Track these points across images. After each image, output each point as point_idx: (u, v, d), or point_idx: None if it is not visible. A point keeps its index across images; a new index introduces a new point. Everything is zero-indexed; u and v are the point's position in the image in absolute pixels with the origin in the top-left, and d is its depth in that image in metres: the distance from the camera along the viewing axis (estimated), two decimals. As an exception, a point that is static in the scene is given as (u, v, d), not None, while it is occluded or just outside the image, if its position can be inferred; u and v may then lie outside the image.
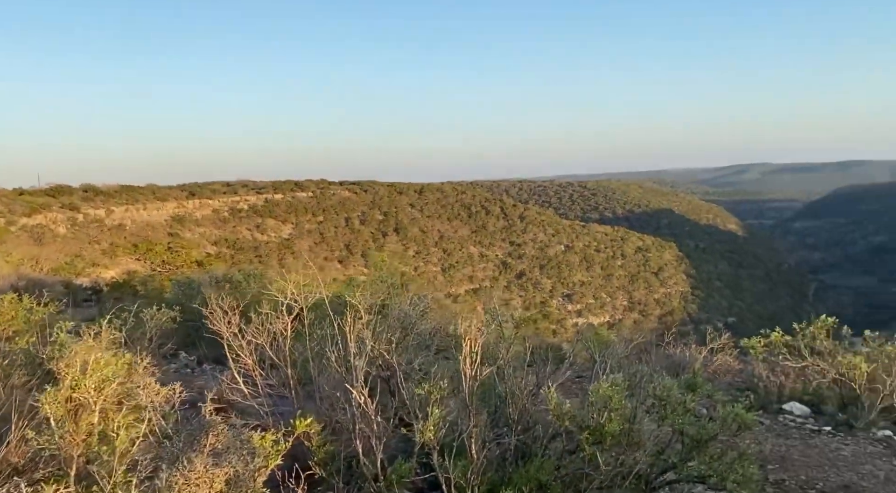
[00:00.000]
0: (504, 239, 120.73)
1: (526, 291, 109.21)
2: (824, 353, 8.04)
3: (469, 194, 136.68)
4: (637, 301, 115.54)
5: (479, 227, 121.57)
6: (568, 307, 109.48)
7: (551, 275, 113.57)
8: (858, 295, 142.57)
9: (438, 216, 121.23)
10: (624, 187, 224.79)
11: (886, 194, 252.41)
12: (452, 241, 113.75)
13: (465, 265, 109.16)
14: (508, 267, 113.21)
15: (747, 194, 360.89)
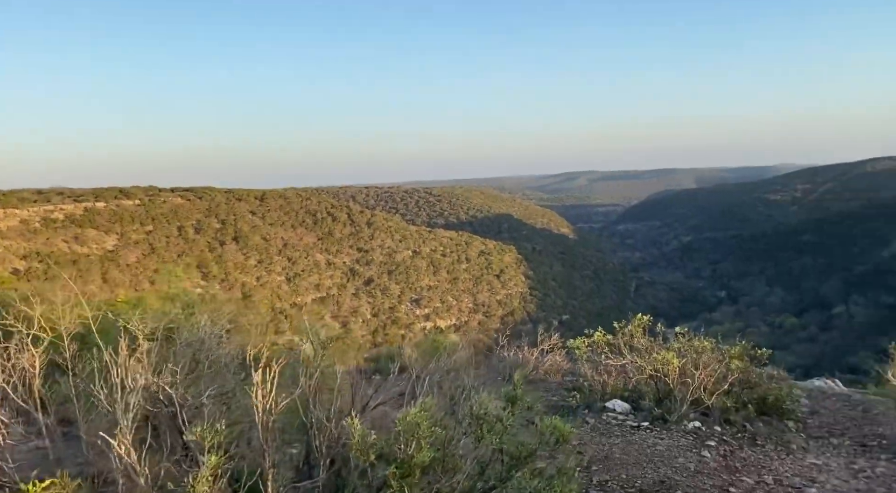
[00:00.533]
0: (351, 246, 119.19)
1: (374, 297, 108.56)
2: (642, 350, 8.42)
3: (314, 201, 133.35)
4: (481, 303, 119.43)
5: (325, 234, 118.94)
6: (416, 312, 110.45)
7: (399, 280, 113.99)
8: (672, 290, 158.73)
9: (282, 224, 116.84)
10: (467, 193, 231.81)
11: (691, 199, 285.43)
12: (297, 249, 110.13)
13: (311, 273, 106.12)
14: (356, 274, 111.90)
15: (577, 200, 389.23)
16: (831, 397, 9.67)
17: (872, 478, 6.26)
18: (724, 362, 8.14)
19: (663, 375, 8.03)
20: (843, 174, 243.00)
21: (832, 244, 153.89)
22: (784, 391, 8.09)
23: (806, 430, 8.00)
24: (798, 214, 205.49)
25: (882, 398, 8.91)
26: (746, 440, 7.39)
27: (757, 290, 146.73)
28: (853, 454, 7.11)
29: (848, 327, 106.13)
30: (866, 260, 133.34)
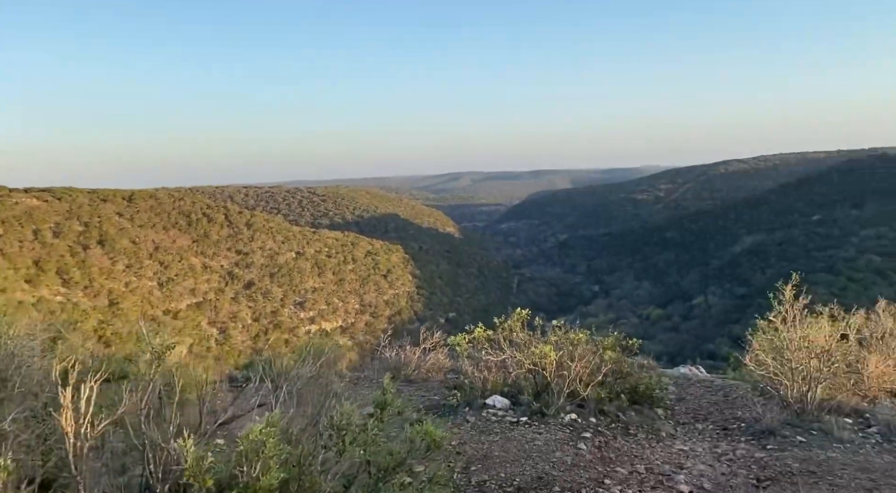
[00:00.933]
0: (230, 248, 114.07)
1: (256, 301, 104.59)
2: (521, 344, 8.41)
3: (188, 201, 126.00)
4: (368, 304, 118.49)
5: (200, 236, 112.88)
6: (301, 315, 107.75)
7: (282, 283, 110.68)
8: (551, 285, 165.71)
9: (153, 226, 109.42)
10: (353, 193, 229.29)
11: (567, 199, 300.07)
12: (170, 252, 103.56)
13: (185, 278, 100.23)
14: (236, 277, 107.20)
15: (462, 199, 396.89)
16: (696, 383, 10.23)
17: (734, 460, 6.57)
18: (598, 353, 8.31)
19: (541, 368, 8.05)
20: (701, 175, 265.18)
21: (692, 240, 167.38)
22: (653, 380, 8.38)
23: (674, 416, 8.34)
24: (662, 213, 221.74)
25: (740, 383, 9.52)
26: (620, 430, 7.55)
27: (626, 283, 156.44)
28: (716, 437, 7.47)
29: (706, 316, 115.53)
30: (721, 255, 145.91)
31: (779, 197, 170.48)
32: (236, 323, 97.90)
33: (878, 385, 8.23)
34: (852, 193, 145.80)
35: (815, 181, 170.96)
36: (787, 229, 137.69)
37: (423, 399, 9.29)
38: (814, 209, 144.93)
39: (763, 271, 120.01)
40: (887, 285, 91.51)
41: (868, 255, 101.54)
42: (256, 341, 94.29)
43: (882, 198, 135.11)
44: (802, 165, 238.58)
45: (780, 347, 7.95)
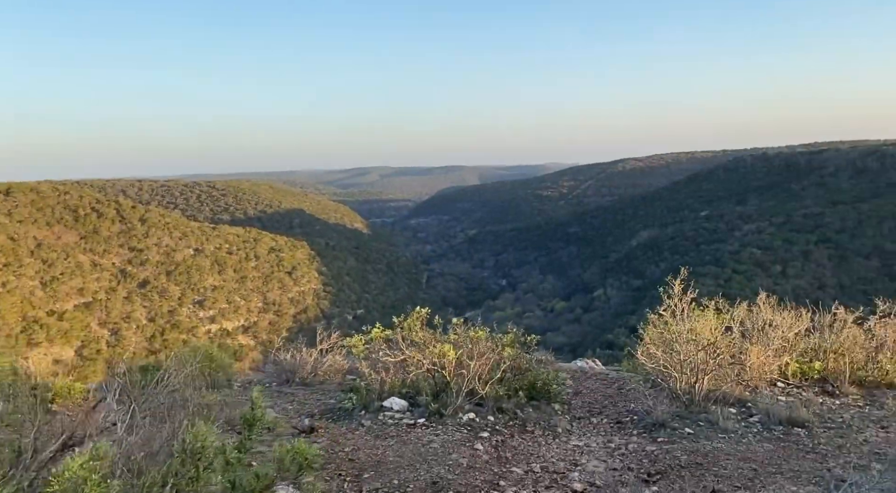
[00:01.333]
0: (122, 245, 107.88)
1: (151, 300, 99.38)
2: (420, 344, 8.17)
3: (75, 195, 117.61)
4: (272, 302, 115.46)
5: (89, 232, 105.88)
6: (200, 314, 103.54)
7: (180, 281, 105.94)
8: (460, 280, 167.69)
9: (34, 221, 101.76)
10: (255, 187, 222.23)
11: (476, 195, 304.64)
12: (55, 249, 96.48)
13: (72, 277, 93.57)
14: (129, 276, 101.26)
15: (370, 195, 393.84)
16: (592, 376, 10.40)
17: (626, 455, 6.64)
18: (497, 350, 8.22)
19: (440, 368, 7.86)
20: (601, 173, 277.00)
21: (593, 235, 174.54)
22: (551, 376, 8.39)
23: (571, 411, 8.37)
24: (565, 209, 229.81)
25: (633, 375, 9.74)
26: (517, 428, 7.48)
27: (532, 277, 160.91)
28: (610, 431, 7.55)
29: (606, 308, 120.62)
30: (619, 248, 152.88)
31: (671, 194, 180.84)
32: (130, 324, 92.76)
33: (759, 375, 8.63)
34: (736, 191, 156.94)
35: (703, 179, 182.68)
36: (679, 224, 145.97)
37: (319, 403, 8.89)
38: (702, 205, 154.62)
39: (657, 264, 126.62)
40: (766, 277, 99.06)
41: (750, 248, 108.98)
42: (153, 343, 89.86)
43: (762, 194, 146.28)
44: (692, 163, 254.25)
45: (669, 340, 8.18)
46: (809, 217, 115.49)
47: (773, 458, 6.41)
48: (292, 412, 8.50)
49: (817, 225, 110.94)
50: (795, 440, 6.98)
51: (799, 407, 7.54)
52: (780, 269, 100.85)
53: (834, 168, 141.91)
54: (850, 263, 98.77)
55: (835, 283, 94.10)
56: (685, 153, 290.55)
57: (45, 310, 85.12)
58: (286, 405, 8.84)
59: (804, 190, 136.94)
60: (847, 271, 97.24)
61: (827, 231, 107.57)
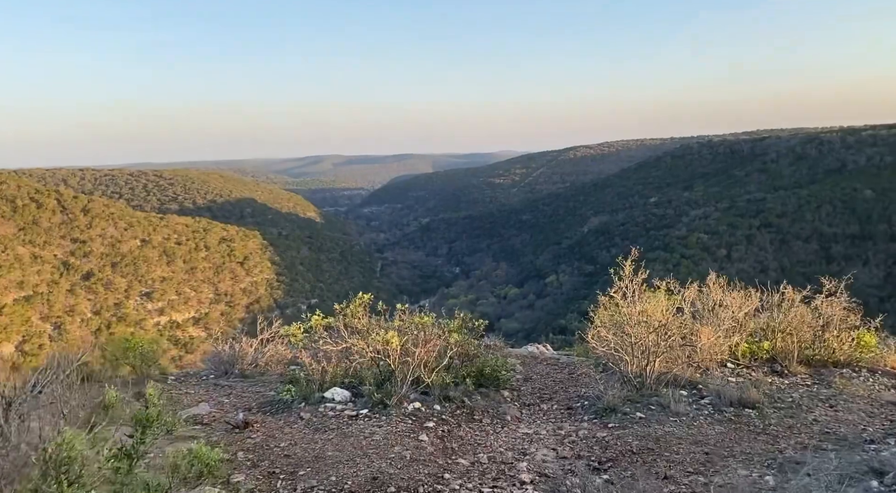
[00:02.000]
0: (64, 236, 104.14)
1: (96, 293, 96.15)
2: (364, 331, 7.76)
3: (13, 184, 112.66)
4: (224, 292, 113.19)
5: (28, 223, 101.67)
6: (148, 306, 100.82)
7: (126, 273, 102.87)
8: (414, 268, 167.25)
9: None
10: (204, 177, 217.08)
11: (429, 183, 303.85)
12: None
13: (11, 269, 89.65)
14: (72, 268, 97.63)
15: (323, 183, 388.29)
16: (542, 362, 10.16)
17: (577, 442, 6.39)
18: (444, 336, 7.86)
19: (384, 356, 7.46)
20: (552, 160, 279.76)
21: (545, 222, 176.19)
22: (499, 361, 8.10)
23: (520, 398, 8.09)
24: (517, 196, 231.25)
25: (584, 359, 9.56)
26: (465, 417, 7.16)
27: (485, 264, 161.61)
28: (561, 418, 7.30)
29: (558, 293, 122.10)
30: (571, 235, 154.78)
31: (621, 180, 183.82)
32: (74, 317, 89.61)
33: (709, 356, 8.53)
34: (683, 177, 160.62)
35: (652, 166, 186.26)
36: (629, 210, 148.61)
37: (258, 395, 8.39)
38: (651, 191, 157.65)
39: (608, 249, 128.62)
40: (713, 261, 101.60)
41: (697, 233, 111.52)
42: (99, 336, 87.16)
43: (707, 181, 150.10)
44: (641, 151, 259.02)
45: (620, 322, 7.98)
46: (752, 202, 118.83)
47: (725, 441, 6.27)
48: (228, 405, 7.99)
49: (759, 210, 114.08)
50: (746, 421, 6.87)
51: (749, 388, 7.44)
52: (726, 253, 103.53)
53: (775, 155, 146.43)
54: (791, 246, 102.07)
55: (776, 266, 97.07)
56: (635, 141, 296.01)
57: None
58: (222, 399, 8.31)
59: (747, 176, 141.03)
60: (788, 254, 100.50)
61: (769, 216, 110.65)
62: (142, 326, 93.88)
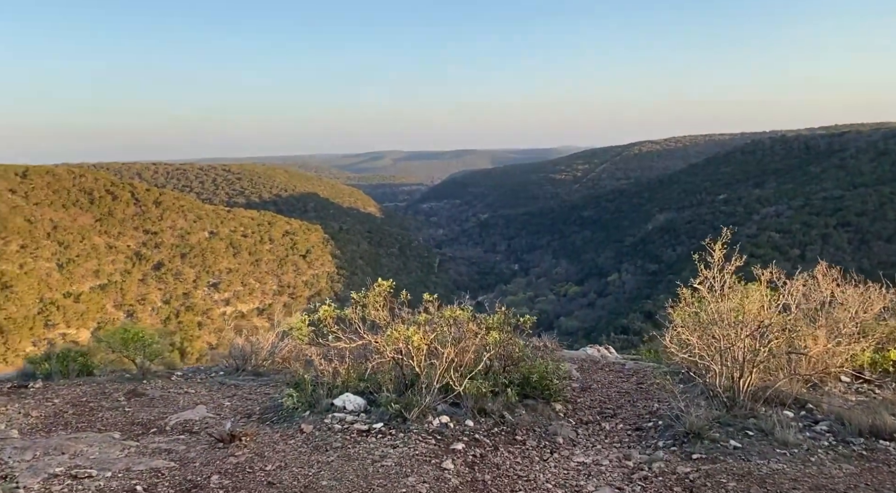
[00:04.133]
0: (137, 227, 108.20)
1: (166, 283, 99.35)
2: (383, 326, 6.40)
3: (90, 178, 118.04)
4: (286, 284, 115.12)
5: (104, 215, 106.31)
6: (215, 297, 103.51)
7: (195, 264, 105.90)
8: (471, 264, 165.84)
9: (51, 204, 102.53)
10: (270, 171, 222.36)
11: (488, 179, 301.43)
12: (71, 231, 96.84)
13: (88, 259, 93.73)
14: (143, 258, 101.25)
15: (383, 179, 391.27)
16: (604, 367, 8.51)
17: (650, 478, 4.76)
18: (481, 334, 6.39)
19: (407, 356, 6.07)
20: (616, 156, 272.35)
21: (607, 219, 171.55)
22: (550, 367, 6.55)
23: (576, 413, 6.50)
24: (579, 192, 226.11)
25: (656, 365, 7.90)
26: (504, 437, 5.66)
27: (545, 261, 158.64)
28: (628, 442, 5.70)
29: (620, 292, 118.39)
30: (635, 232, 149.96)
31: (688, 176, 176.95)
32: (145, 306, 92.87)
33: (822, 367, 6.70)
34: (754, 174, 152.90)
35: (721, 162, 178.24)
36: (696, 208, 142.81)
37: (265, 398, 7.16)
38: (720, 188, 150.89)
39: (673, 247, 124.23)
40: (784, 260, 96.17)
41: (768, 232, 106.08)
42: (167, 325, 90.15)
43: (780, 177, 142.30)
44: (710, 146, 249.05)
45: (707, 321, 6.29)
46: (829, 200, 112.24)
47: (860, 486, 4.54)
48: (228, 409, 6.79)
49: (837, 208, 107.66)
50: (884, 458, 5.07)
51: (881, 412, 5.62)
52: (799, 253, 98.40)
53: (855, 150, 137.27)
54: (871, 246, 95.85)
55: (855, 267, 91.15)
56: (702, 136, 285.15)
57: (61, 292, 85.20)
58: (224, 401, 7.13)
59: (824, 172, 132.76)
60: (868, 255, 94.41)
61: (847, 214, 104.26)
62: (209, 316, 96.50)
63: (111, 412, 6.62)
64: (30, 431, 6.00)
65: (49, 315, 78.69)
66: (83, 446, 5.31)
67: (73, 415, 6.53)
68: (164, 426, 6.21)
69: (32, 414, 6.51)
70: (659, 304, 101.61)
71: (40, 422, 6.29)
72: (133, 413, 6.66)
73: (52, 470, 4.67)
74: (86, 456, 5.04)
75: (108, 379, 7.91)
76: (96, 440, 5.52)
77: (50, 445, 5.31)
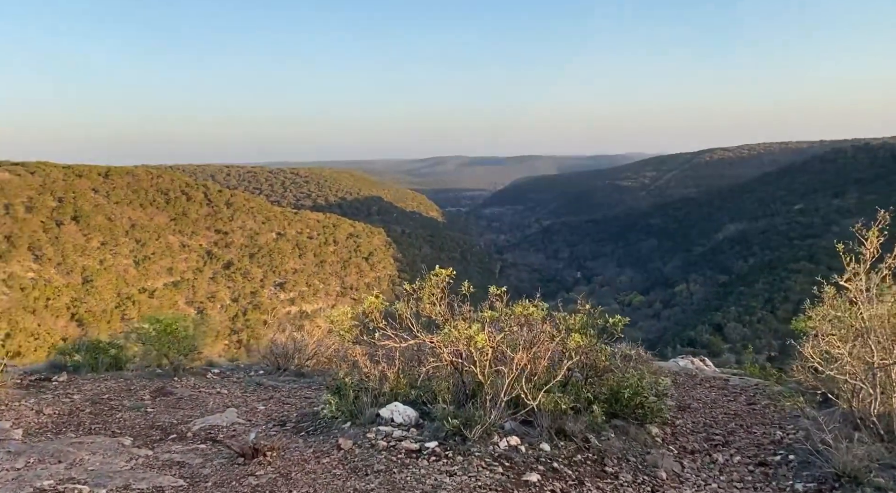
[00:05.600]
0: (209, 227, 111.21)
1: (235, 281, 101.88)
2: (441, 323, 5.34)
3: (167, 178, 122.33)
4: (349, 286, 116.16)
5: (179, 214, 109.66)
6: (280, 296, 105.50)
7: (262, 264, 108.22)
8: (533, 270, 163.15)
9: (129, 203, 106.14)
10: (336, 175, 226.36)
11: (551, 185, 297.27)
12: (147, 230, 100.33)
13: (162, 257, 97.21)
14: (214, 257, 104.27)
15: (446, 184, 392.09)
16: (703, 382, 7.13)
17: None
18: (558, 338, 5.22)
19: (469, 361, 4.99)
20: (686, 163, 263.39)
21: (675, 228, 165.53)
22: (645, 381, 5.30)
23: (676, 439, 5.23)
24: (646, 200, 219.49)
25: (763, 382, 6.52)
26: (590, 467, 4.47)
27: (609, 270, 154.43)
28: (751, 481, 4.38)
29: (688, 303, 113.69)
30: (703, 242, 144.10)
31: (762, 185, 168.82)
32: (214, 303, 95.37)
33: None
34: (833, 183, 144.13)
35: (798, 170, 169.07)
36: (770, 218, 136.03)
37: (305, 403, 6.22)
38: (796, 198, 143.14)
39: (745, 259, 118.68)
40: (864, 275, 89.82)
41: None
42: (235, 322, 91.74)
43: (863, 187, 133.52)
44: (786, 154, 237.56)
45: (860, 330, 4.90)
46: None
47: None
48: (262, 414, 5.88)
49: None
50: None
51: None
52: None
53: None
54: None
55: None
56: (778, 143, 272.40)
57: (137, 287, 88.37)
58: (257, 405, 6.22)
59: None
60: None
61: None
62: (274, 315, 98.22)
63: (131, 413, 5.83)
64: (37, 431, 5.26)
65: (125, 310, 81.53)
66: (85, 453, 4.49)
67: (89, 414, 5.78)
68: (185, 431, 5.36)
69: (45, 411, 5.79)
70: (729, 316, 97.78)
71: (52, 421, 5.55)
72: (155, 415, 5.84)
73: (39, 483, 3.85)
74: (84, 467, 4.20)
75: (137, 375, 7.19)
76: (102, 447, 4.70)
77: (49, 450, 4.51)
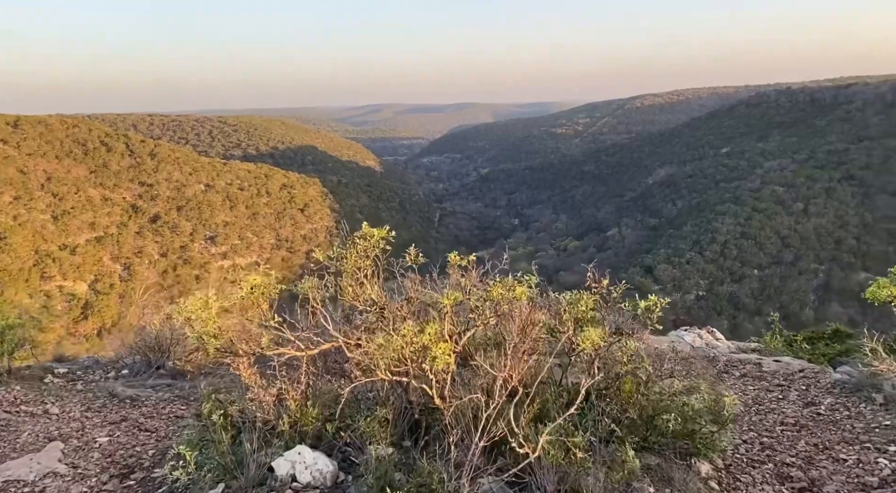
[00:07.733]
0: (132, 179, 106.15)
1: (163, 236, 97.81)
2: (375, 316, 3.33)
3: (84, 129, 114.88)
4: (284, 238, 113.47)
5: (99, 166, 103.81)
6: (212, 250, 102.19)
7: (191, 217, 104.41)
8: (472, 219, 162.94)
9: (44, 154, 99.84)
10: (267, 124, 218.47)
11: (489, 133, 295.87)
12: (65, 183, 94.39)
13: (83, 211, 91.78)
14: (139, 211, 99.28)
15: (383, 132, 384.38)
16: (730, 368, 5.12)
17: None
18: (554, 328, 3.21)
19: (421, 379, 2.97)
20: (618, 109, 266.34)
21: (608, 174, 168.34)
22: (696, 398, 3.27)
23: (736, 479, 3.29)
24: (580, 147, 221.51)
25: (808, 364, 4.86)
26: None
27: (545, 216, 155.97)
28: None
29: (620, 247, 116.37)
30: (635, 187, 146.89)
31: (690, 130, 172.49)
32: (142, 259, 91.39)
33: None
34: (758, 127, 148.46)
35: (725, 115, 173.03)
36: (698, 162, 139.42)
37: (171, 426, 4.18)
38: (723, 142, 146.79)
39: (674, 202, 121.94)
40: (787, 215, 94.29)
41: (771, 186, 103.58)
42: (165, 278, 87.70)
43: (784, 131, 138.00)
44: (713, 99, 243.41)
45: None
46: (833, 153, 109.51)
47: None
48: (98, 457, 3.79)
49: (841, 161, 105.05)
50: None
51: None
52: (802, 207, 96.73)
53: (861, 103, 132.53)
54: (875, 200, 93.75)
55: (858, 222, 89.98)
56: (706, 89, 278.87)
57: (57, 244, 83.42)
58: (99, 435, 4.10)
59: (829, 126, 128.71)
60: (871, 209, 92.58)
61: (851, 168, 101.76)
62: (206, 269, 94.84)
63: None
64: None
65: (45, 267, 77.00)
66: None
67: None
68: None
69: None
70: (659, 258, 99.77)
71: None
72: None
73: None
74: None
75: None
76: None
77: None
